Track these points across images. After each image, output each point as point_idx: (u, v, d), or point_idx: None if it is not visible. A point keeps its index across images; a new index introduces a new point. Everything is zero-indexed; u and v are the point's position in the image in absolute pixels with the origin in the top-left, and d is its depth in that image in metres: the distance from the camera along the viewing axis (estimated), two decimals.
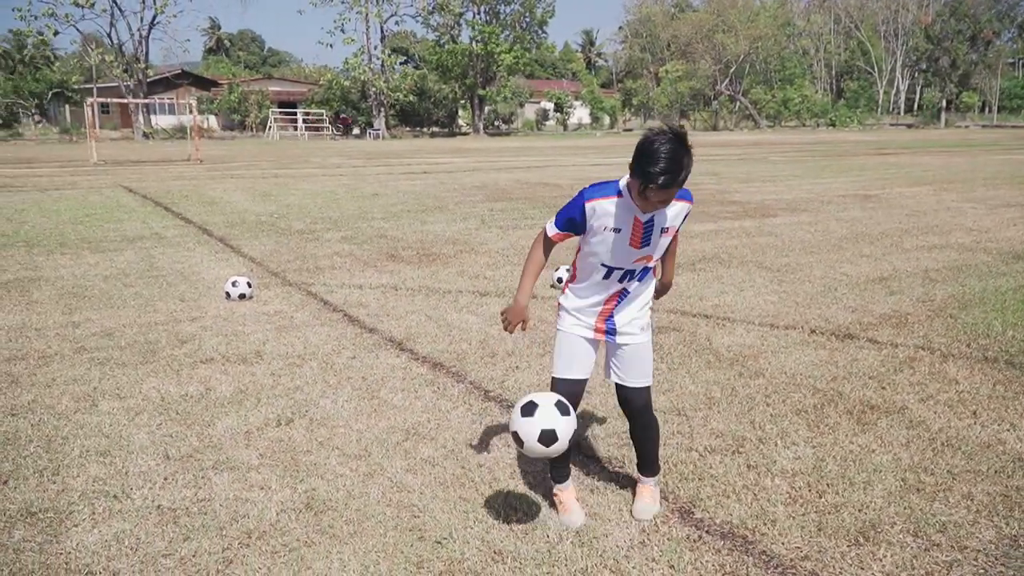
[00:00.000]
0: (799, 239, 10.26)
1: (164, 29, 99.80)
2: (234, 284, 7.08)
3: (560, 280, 7.50)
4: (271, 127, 58.33)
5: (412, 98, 64.17)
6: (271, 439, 4.10)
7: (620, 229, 2.94)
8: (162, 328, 6.17)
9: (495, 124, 74.58)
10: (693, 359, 5.37)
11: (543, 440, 2.91)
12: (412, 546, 3.10)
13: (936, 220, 11.89)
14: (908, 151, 31.95)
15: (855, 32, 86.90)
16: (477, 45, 62.67)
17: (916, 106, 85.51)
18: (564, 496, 3.33)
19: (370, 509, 3.38)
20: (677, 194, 2.93)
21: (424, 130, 67.99)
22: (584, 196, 2.95)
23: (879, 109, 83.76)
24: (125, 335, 5.98)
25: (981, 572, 2.93)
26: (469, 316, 6.50)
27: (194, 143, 29.88)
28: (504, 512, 3.36)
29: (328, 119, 62.25)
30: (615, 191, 2.94)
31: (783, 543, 3.12)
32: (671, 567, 2.98)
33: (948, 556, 3.03)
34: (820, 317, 6.42)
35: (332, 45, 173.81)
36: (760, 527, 3.24)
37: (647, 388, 3.28)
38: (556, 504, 3.35)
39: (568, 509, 3.29)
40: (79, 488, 3.57)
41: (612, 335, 3.17)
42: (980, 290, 7.28)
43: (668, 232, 3.02)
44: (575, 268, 3.20)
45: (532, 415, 2.93)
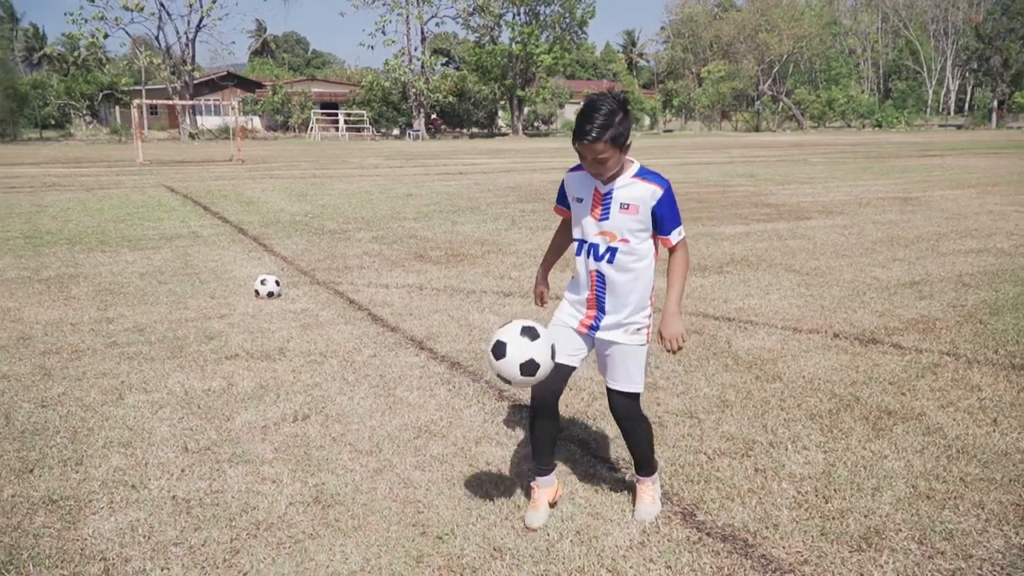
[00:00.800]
0: (831, 242, 10.12)
1: (210, 32, 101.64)
2: (263, 282, 7.23)
3: None
4: (313, 128, 59.17)
5: (452, 99, 64.55)
6: (287, 434, 4.20)
7: (583, 199, 3.11)
8: (191, 324, 6.33)
9: (534, 125, 74.62)
10: (711, 362, 5.35)
11: (526, 371, 2.89)
12: (413, 541, 3.16)
13: (976, 224, 11.62)
14: (954, 152, 31.21)
15: (903, 31, 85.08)
16: (516, 46, 62.79)
17: (967, 106, 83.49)
18: (539, 493, 3.32)
19: (376, 504, 3.45)
20: (649, 177, 3.01)
21: (463, 131, 68.32)
22: (568, 171, 3.21)
23: (928, 110, 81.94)
24: (155, 331, 6.15)
25: None
26: (491, 316, 6.56)
27: (236, 144, 30.44)
28: (507, 510, 3.40)
29: (368, 120, 62.82)
30: None
31: (784, 547, 3.11)
32: (668, 568, 2.99)
33: (952, 564, 2.99)
34: (845, 321, 6.34)
35: (373, 47, 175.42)
36: (762, 531, 3.23)
37: (629, 394, 3.21)
38: (529, 495, 3.37)
39: (536, 506, 3.29)
40: (100, 478, 3.70)
41: (594, 330, 3.18)
42: (1014, 296, 7.12)
43: (629, 210, 3.01)
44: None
45: (505, 355, 2.89)
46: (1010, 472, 3.71)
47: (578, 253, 3.18)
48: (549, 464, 3.34)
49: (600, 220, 3.06)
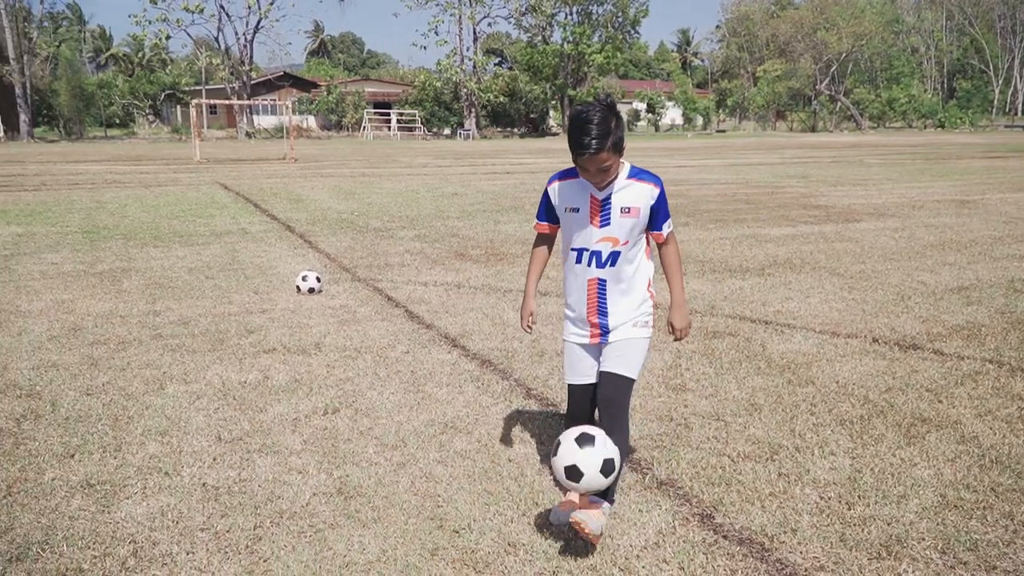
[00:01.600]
0: (880, 245, 9.90)
1: (267, 33, 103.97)
2: (304, 278, 7.39)
3: None
4: (365, 127, 59.98)
5: (503, 99, 64.75)
6: (316, 427, 4.30)
7: (578, 208, 3.05)
8: (233, 318, 6.50)
9: None
10: (743, 365, 5.30)
11: (569, 476, 2.88)
12: (430, 534, 3.21)
13: None
14: (1019, 155, 30.16)
15: (969, 29, 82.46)
16: (568, 46, 62.67)
17: None
18: (573, 496, 3.18)
19: (397, 497, 3.51)
20: (643, 176, 3.02)
21: (514, 130, 68.48)
22: (548, 181, 3.14)
23: (994, 110, 79.26)
24: (199, 324, 6.33)
25: None
26: None
27: (289, 143, 31.04)
28: (525, 506, 3.43)
29: (420, 119, 63.40)
30: (574, 172, 3.05)
31: (801, 552, 3.08)
32: (681, 569, 2.99)
33: (974, 575, 2.92)
34: (886, 326, 6.21)
35: (425, 47, 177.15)
36: (780, 535, 3.20)
37: (623, 379, 3.14)
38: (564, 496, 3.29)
39: (565, 507, 3.19)
40: (136, 464, 3.84)
41: (606, 335, 3.18)
42: None
43: (631, 213, 3.02)
44: (564, 268, 3.25)
45: (556, 454, 2.93)
46: None
47: (577, 261, 3.13)
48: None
49: (601, 227, 3.04)
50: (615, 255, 3.08)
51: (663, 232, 3.15)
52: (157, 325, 6.30)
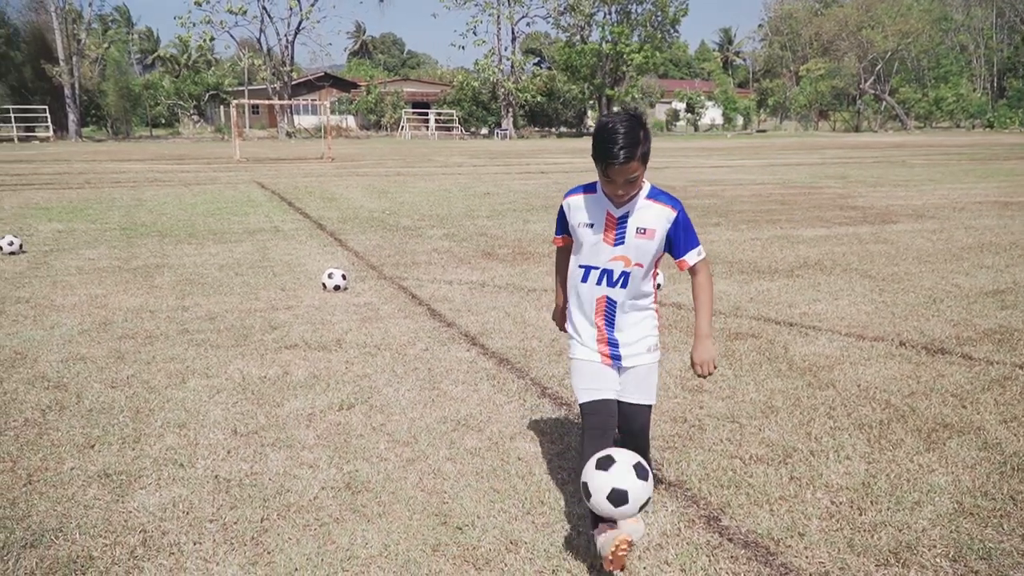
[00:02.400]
0: (915, 247, 9.69)
1: (308, 34, 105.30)
2: (330, 276, 7.48)
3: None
4: (403, 127, 60.43)
5: (540, 98, 64.75)
6: (330, 422, 4.34)
7: (593, 224, 2.94)
8: (259, 315, 6.60)
9: None
10: (763, 367, 5.23)
11: (612, 499, 2.72)
12: (433, 530, 3.23)
13: None
14: None
15: (1020, 26, 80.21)
16: (606, 45, 62.41)
17: None
18: (603, 525, 2.97)
19: (403, 493, 3.54)
20: (661, 198, 2.91)
21: (552, 130, 68.41)
22: (565, 196, 3.04)
23: None
24: (225, 320, 6.44)
25: None
26: (547, 314, 6.58)
27: (326, 142, 31.40)
28: (531, 505, 3.43)
29: (457, 119, 63.68)
30: (592, 188, 2.98)
31: (806, 557, 3.03)
32: (683, 571, 2.96)
33: None
34: (915, 329, 6.08)
35: (464, 47, 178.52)
36: (786, 539, 3.16)
37: (649, 408, 3.12)
38: (594, 525, 3.00)
39: (605, 529, 2.93)
40: (153, 455, 3.92)
41: (618, 360, 3.07)
42: None
43: (646, 234, 2.92)
44: (569, 284, 3.16)
45: (607, 470, 2.75)
46: None
47: (584, 280, 3.04)
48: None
49: (615, 245, 2.94)
50: (626, 276, 2.98)
51: (688, 260, 3.00)
52: (184, 320, 6.42)
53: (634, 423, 3.10)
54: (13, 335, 5.97)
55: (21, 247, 9.39)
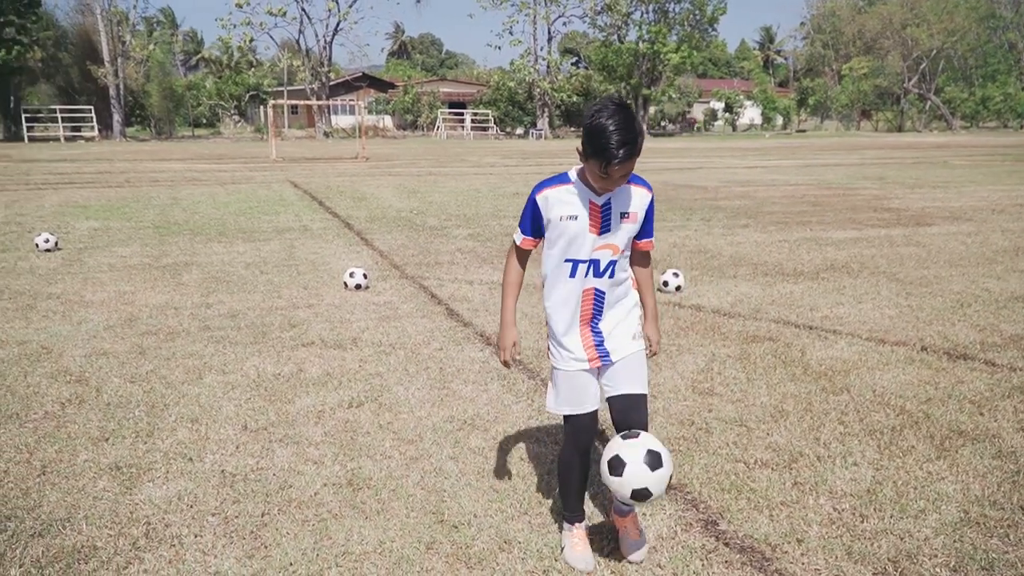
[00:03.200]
0: (948, 250, 9.48)
1: (346, 35, 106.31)
2: (351, 275, 7.56)
3: (666, 283, 7.40)
4: (439, 127, 60.74)
5: (576, 98, 64.59)
6: (339, 419, 4.40)
7: (577, 216, 2.82)
8: (279, 312, 6.70)
9: (660, 124, 73.51)
10: (777, 370, 5.16)
11: (637, 497, 2.76)
12: (429, 528, 3.25)
13: None
14: None
15: None
16: (643, 45, 62.02)
17: None
18: (578, 534, 3.11)
19: (404, 490, 3.57)
20: (636, 180, 2.85)
21: None
22: (534, 191, 2.87)
23: None
24: (246, 317, 6.55)
25: None
26: None
27: (360, 142, 31.68)
28: (528, 505, 3.44)
29: (493, 119, 63.79)
30: (565, 179, 2.85)
31: (802, 564, 3.00)
32: (675, 574, 2.95)
33: None
34: (939, 334, 5.95)
35: (500, 47, 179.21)
36: (784, 545, 3.12)
37: (643, 397, 3.01)
38: (565, 539, 3.11)
39: (580, 547, 3.06)
40: (163, 449, 4.01)
41: (606, 357, 2.97)
42: None
43: (629, 218, 2.86)
44: (545, 285, 3.02)
45: (620, 475, 2.75)
46: None
47: (571, 275, 2.90)
48: (582, 509, 3.15)
49: (601, 234, 2.85)
50: (613, 264, 2.91)
51: (652, 242, 3.01)
52: (207, 317, 6.54)
53: (632, 416, 2.94)
54: (41, 330, 6.14)
55: (57, 244, 9.65)
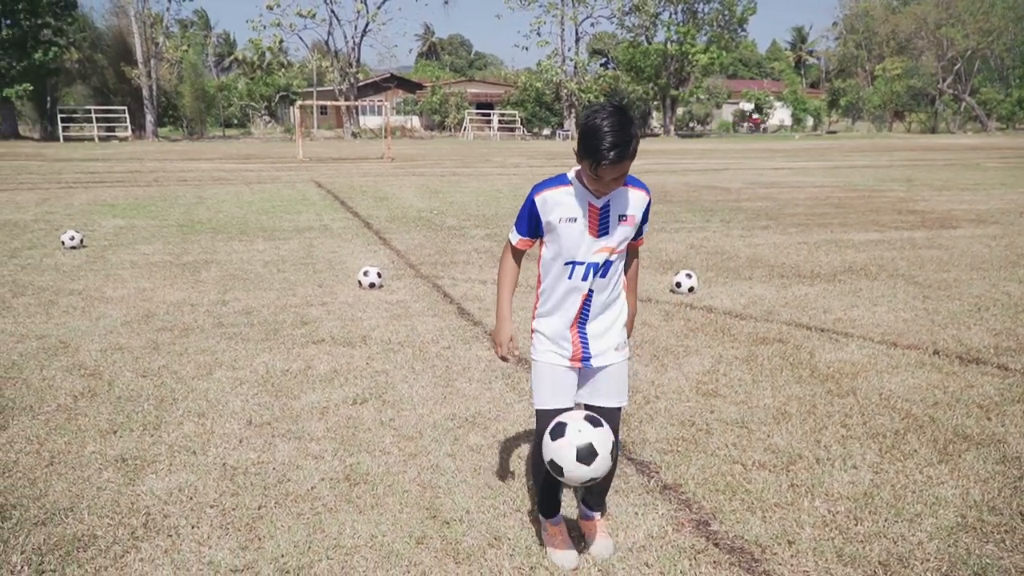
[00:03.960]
0: (971, 253, 9.34)
1: (375, 36, 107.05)
2: (365, 273, 7.63)
3: (679, 285, 7.38)
4: (466, 127, 60.93)
5: (604, 99, 64.44)
6: (342, 416, 4.45)
7: (576, 218, 2.81)
8: (293, 310, 6.79)
9: (689, 125, 73.06)
10: (783, 372, 5.13)
11: (582, 458, 2.70)
12: (420, 523, 3.29)
13: None
14: None
15: None
16: (672, 45, 61.69)
17: None
18: (556, 531, 3.11)
19: (399, 486, 3.61)
20: (634, 182, 2.85)
21: None
22: (532, 192, 2.87)
23: None
24: (260, 314, 6.64)
25: None
26: None
27: (386, 142, 31.88)
28: (521, 502, 3.46)
29: (520, 120, 63.85)
30: (564, 181, 2.85)
31: (791, 565, 2.99)
32: (662, 574, 2.95)
33: None
34: (953, 338, 5.88)
35: (527, 48, 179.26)
36: (774, 547, 3.11)
37: (619, 411, 3.02)
38: (545, 540, 3.12)
39: (562, 545, 3.07)
40: (169, 442, 4.09)
41: (588, 361, 2.96)
42: None
43: (627, 221, 2.85)
44: (539, 283, 3.04)
45: (563, 435, 2.74)
46: None
47: (570, 277, 2.89)
48: (558, 504, 3.15)
49: (600, 236, 2.84)
50: (608, 265, 2.90)
51: (643, 239, 3.05)
52: (221, 314, 6.64)
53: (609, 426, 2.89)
54: (61, 325, 6.28)
55: (82, 242, 9.84)
